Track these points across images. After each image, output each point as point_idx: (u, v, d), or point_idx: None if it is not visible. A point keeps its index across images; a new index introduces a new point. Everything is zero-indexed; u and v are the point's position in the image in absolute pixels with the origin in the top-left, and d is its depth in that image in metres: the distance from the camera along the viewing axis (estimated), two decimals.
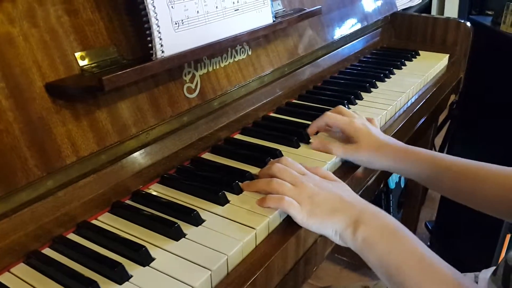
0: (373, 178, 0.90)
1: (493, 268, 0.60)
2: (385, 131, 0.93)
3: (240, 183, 0.72)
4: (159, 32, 0.69)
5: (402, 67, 1.32)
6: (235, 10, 0.83)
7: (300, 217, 0.64)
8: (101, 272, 0.56)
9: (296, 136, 0.87)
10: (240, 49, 0.92)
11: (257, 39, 0.95)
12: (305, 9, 1.05)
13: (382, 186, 0.87)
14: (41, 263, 0.58)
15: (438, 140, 1.98)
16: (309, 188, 0.66)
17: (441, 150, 2.03)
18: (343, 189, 0.69)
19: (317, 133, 0.90)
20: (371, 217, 0.63)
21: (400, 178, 1.88)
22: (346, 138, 0.85)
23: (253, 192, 0.70)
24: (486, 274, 0.72)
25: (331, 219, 0.63)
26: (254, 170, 0.76)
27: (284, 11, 1.05)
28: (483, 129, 1.64)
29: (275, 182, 0.67)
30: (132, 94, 0.71)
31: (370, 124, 0.84)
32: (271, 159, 0.79)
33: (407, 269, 0.57)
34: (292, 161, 0.72)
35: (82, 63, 0.65)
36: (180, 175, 0.77)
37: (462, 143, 1.80)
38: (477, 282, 0.80)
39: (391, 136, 0.87)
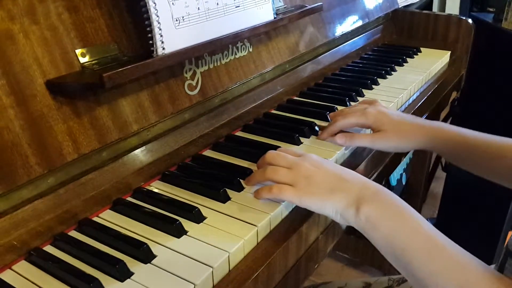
0: (375, 175, 0.90)
1: (494, 266, 0.59)
2: None
3: (241, 180, 0.72)
4: (160, 29, 0.69)
5: (404, 64, 1.32)
6: (236, 7, 0.83)
7: (296, 199, 0.63)
8: (102, 269, 0.56)
9: (297, 133, 0.87)
10: (241, 46, 0.92)
11: (258, 36, 0.95)
12: (306, 6, 1.05)
13: (383, 183, 0.87)
14: (43, 260, 0.57)
15: None
16: (304, 168, 0.65)
17: None
18: (342, 168, 0.67)
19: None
20: (374, 194, 0.61)
21: (401, 175, 1.88)
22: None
23: (254, 187, 0.70)
24: None
25: (330, 198, 0.62)
26: (255, 167, 0.76)
27: (285, 7, 1.04)
28: (485, 126, 1.64)
29: (268, 170, 0.66)
30: (133, 91, 0.71)
31: (383, 107, 0.84)
32: None
33: (413, 249, 0.56)
34: (286, 148, 0.71)
35: (82, 60, 0.65)
36: (182, 172, 0.77)
37: None
38: None
39: None
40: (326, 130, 0.87)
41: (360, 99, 1.07)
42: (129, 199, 0.70)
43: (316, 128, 0.90)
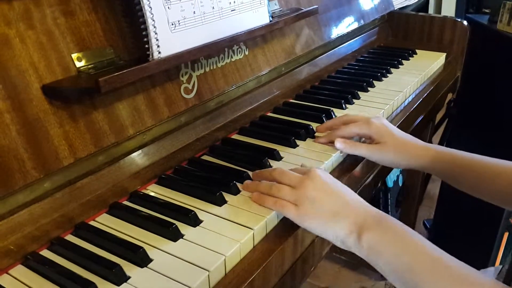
0: (371, 176, 0.91)
1: (490, 268, 0.60)
2: None
3: (238, 184, 0.72)
4: (156, 33, 0.69)
5: (399, 66, 1.32)
6: (232, 11, 0.83)
7: (297, 220, 0.64)
8: (99, 273, 0.56)
9: (294, 136, 0.87)
10: (237, 49, 0.92)
11: (254, 39, 0.95)
12: (302, 9, 1.05)
13: (380, 184, 0.87)
14: (39, 264, 0.58)
15: (436, 139, 1.98)
16: (308, 189, 0.65)
17: None
18: (345, 189, 0.67)
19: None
20: (375, 221, 0.61)
21: (398, 177, 1.89)
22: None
23: (251, 192, 0.70)
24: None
25: (332, 223, 0.62)
26: (251, 170, 0.76)
27: (280, 10, 1.05)
28: (480, 127, 1.65)
29: (275, 188, 0.67)
30: (129, 94, 0.71)
31: (388, 122, 0.85)
32: (268, 159, 0.79)
33: (419, 271, 0.56)
34: (296, 168, 0.72)
35: (78, 64, 0.65)
36: (178, 176, 0.77)
37: (460, 141, 1.80)
38: None
39: None
40: (326, 136, 0.87)
41: (356, 101, 1.08)
42: (126, 202, 0.70)
43: (313, 129, 0.91)
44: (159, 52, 0.70)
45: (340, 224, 0.62)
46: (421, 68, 1.27)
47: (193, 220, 0.64)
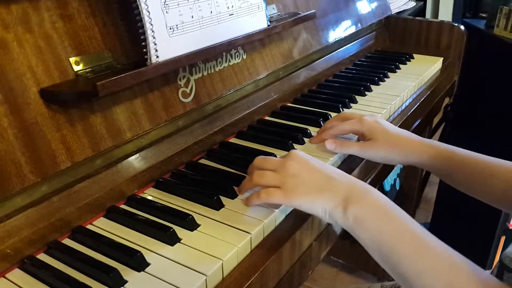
0: (368, 180, 0.91)
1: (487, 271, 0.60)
2: None
3: (235, 187, 0.72)
4: (154, 37, 0.69)
5: (397, 70, 1.32)
6: (230, 15, 0.83)
7: (284, 200, 0.63)
8: (96, 277, 0.56)
9: (291, 140, 0.87)
10: (235, 53, 0.92)
11: (252, 43, 0.96)
12: (300, 13, 1.05)
13: (377, 188, 0.87)
14: (36, 268, 0.57)
15: None
16: (292, 168, 0.65)
17: None
18: (329, 166, 0.67)
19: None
20: (361, 194, 0.61)
21: (395, 180, 1.89)
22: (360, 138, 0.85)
23: (246, 195, 0.70)
24: None
25: (319, 197, 0.62)
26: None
27: (278, 15, 1.05)
28: (477, 131, 1.65)
29: (255, 175, 0.67)
30: (127, 98, 0.71)
31: (381, 119, 0.85)
32: None
33: (400, 249, 0.56)
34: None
35: (76, 68, 0.65)
36: (175, 180, 0.77)
37: (457, 145, 1.80)
38: None
39: None
40: (318, 135, 0.87)
41: (353, 105, 1.08)
42: (123, 206, 0.70)
43: (311, 133, 0.91)
44: (157, 56, 0.70)
45: (326, 198, 0.62)
46: (418, 73, 1.28)
47: (191, 224, 0.64)
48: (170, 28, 0.72)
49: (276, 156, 0.82)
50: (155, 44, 0.69)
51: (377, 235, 0.58)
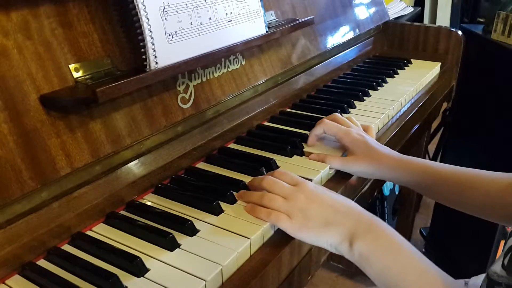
0: (367, 185, 0.91)
1: (482, 275, 0.60)
2: (378, 139, 0.93)
3: (234, 193, 0.72)
4: (153, 44, 0.69)
5: (395, 75, 1.33)
6: (228, 21, 0.84)
7: (291, 231, 0.64)
8: (95, 283, 0.56)
9: (290, 145, 0.87)
10: (234, 59, 0.93)
11: (250, 49, 0.96)
12: (298, 19, 1.06)
13: (376, 193, 0.87)
14: (36, 274, 0.58)
15: (432, 147, 1.99)
16: (300, 201, 0.66)
17: (434, 156, 2.05)
18: (337, 197, 0.68)
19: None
20: (366, 229, 0.62)
21: (394, 185, 1.89)
22: (342, 146, 0.86)
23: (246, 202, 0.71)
24: (475, 281, 0.73)
25: (324, 232, 0.63)
26: (248, 179, 0.77)
27: (277, 21, 1.06)
28: (476, 135, 1.66)
29: (266, 198, 0.67)
30: (126, 105, 0.72)
31: (366, 134, 0.85)
32: (265, 168, 0.79)
33: (406, 285, 0.57)
34: (284, 171, 0.72)
35: (76, 74, 0.66)
36: (175, 185, 0.77)
37: (455, 149, 1.81)
38: None
39: (384, 144, 0.87)
40: (313, 132, 0.89)
41: (351, 110, 1.08)
42: (122, 212, 0.70)
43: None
44: (156, 63, 0.70)
45: (331, 233, 0.63)
46: (417, 78, 1.28)
47: (190, 230, 0.64)
48: (169, 35, 0.72)
49: (275, 161, 0.82)
50: (154, 50, 0.70)
51: (383, 270, 0.60)
